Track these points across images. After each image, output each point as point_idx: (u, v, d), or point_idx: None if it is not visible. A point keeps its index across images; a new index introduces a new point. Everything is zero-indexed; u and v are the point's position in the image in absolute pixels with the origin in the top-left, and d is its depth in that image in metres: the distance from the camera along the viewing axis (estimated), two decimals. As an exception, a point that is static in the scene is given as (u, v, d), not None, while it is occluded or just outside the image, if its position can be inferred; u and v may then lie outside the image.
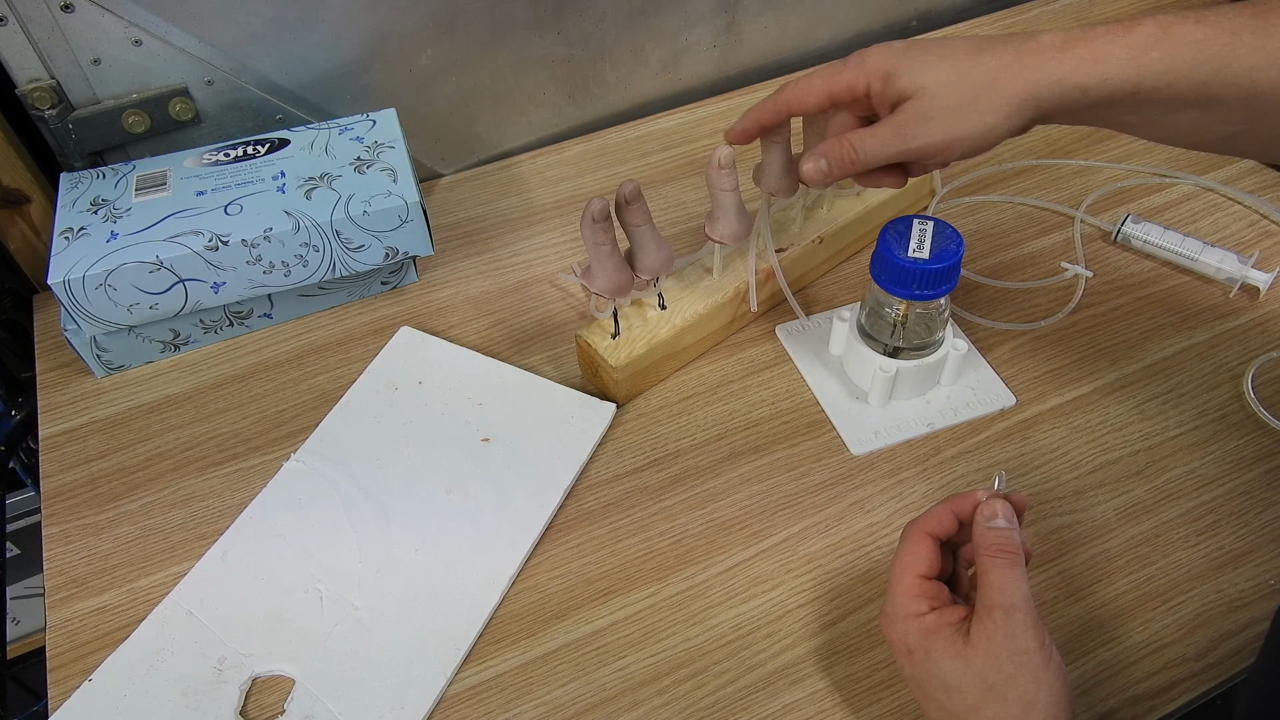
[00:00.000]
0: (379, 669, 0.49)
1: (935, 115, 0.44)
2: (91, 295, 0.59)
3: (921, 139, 0.45)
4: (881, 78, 0.46)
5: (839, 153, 0.47)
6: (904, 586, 0.43)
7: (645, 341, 0.59)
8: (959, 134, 0.44)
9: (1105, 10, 0.94)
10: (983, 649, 0.40)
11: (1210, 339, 0.63)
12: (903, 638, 0.42)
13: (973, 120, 0.44)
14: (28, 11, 0.60)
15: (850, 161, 0.47)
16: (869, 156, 0.46)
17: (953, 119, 0.44)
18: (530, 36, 0.76)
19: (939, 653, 0.41)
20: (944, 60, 0.45)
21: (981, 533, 0.42)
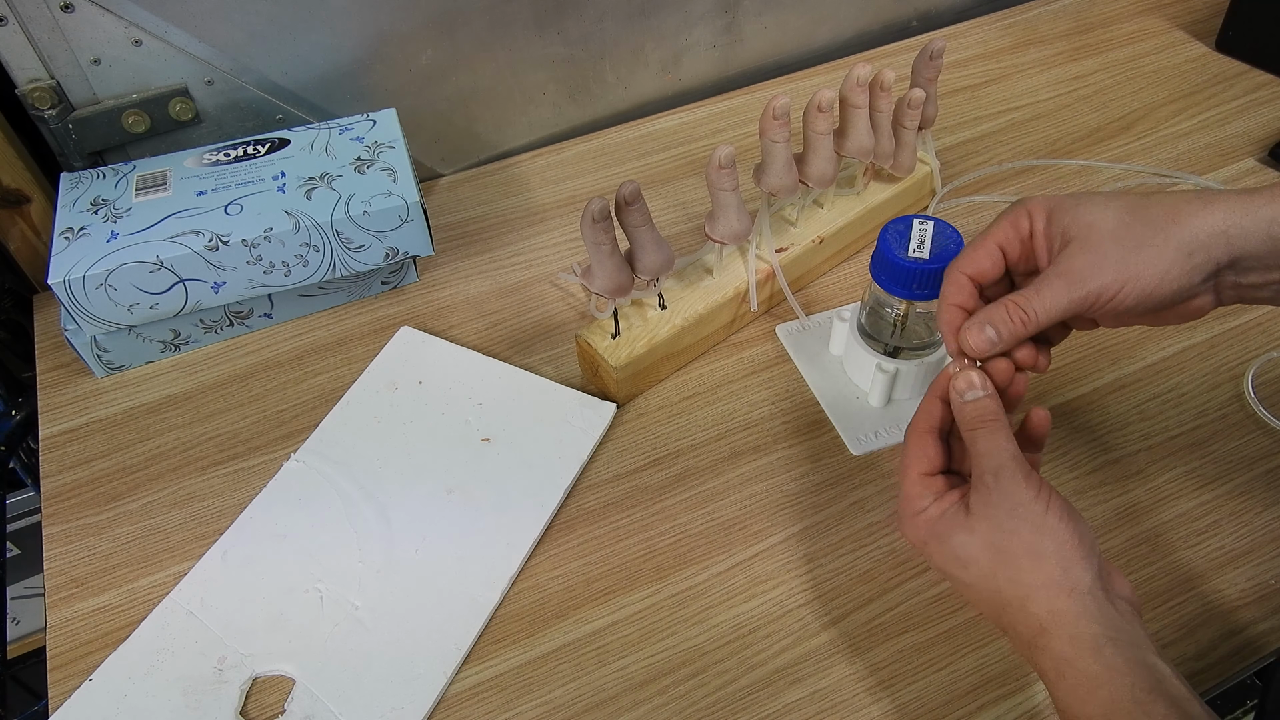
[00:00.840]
0: (379, 669, 0.49)
1: (1106, 254, 0.40)
2: (91, 295, 0.59)
3: (1094, 283, 0.40)
4: (1044, 214, 0.42)
5: (1008, 317, 0.41)
6: (906, 488, 0.44)
7: (645, 341, 0.59)
8: (1134, 272, 0.39)
9: (1105, 10, 0.94)
10: (982, 516, 0.40)
11: (1210, 339, 0.63)
12: (916, 535, 0.43)
13: (1149, 258, 0.39)
14: (28, 11, 0.60)
15: (1022, 324, 0.41)
16: (1042, 315, 0.41)
17: (1127, 256, 0.39)
18: (530, 36, 0.76)
19: (947, 535, 0.41)
20: (1112, 200, 0.41)
21: (959, 409, 0.42)
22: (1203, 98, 0.83)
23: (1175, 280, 0.39)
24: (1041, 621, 0.38)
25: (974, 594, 0.41)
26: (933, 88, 0.66)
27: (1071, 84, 0.86)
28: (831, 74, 0.88)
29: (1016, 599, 0.39)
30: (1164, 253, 0.39)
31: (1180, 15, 0.93)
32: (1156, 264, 0.39)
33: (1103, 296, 0.40)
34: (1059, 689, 0.38)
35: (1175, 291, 0.40)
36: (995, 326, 0.42)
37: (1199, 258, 0.39)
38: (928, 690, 0.48)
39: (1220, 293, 0.41)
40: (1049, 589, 0.38)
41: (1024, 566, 0.39)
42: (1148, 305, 0.40)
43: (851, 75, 0.59)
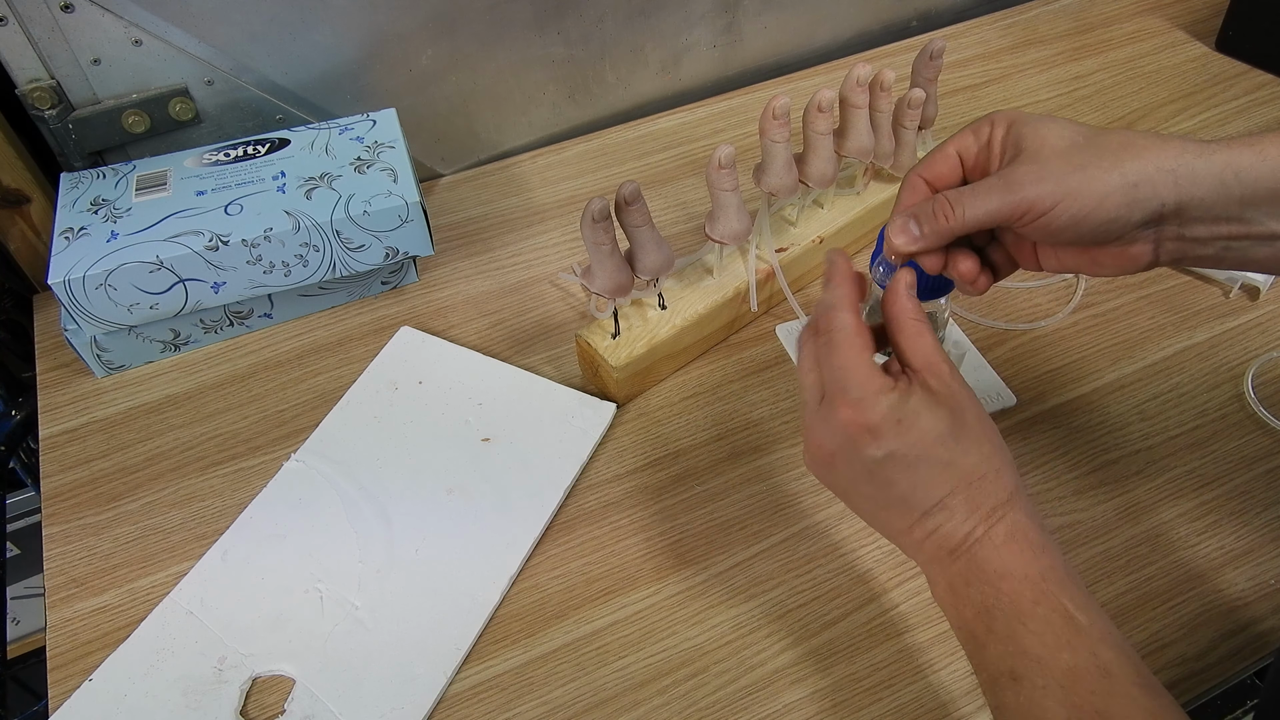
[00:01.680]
0: (379, 669, 0.49)
1: (1050, 168, 0.39)
2: (92, 295, 0.59)
3: (1030, 190, 0.38)
4: (1005, 124, 0.41)
5: (933, 213, 0.41)
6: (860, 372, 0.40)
7: (645, 341, 0.59)
8: (1073, 189, 0.38)
9: (1105, 10, 0.94)
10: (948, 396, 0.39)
11: (1210, 339, 0.63)
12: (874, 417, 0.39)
13: (1092, 179, 0.38)
14: (28, 11, 0.60)
15: (946, 219, 0.40)
16: (969, 214, 0.40)
17: (1069, 175, 0.38)
18: (530, 36, 0.76)
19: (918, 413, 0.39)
20: (1072, 124, 0.40)
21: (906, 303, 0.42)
22: (1203, 98, 0.83)
23: (1113, 208, 0.38)
24: (1010, 491, 0.39)
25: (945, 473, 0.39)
26: (933, 88, 0.66)
27: (1071, 84, 0.86)
28: (831, 74, 0.88)
29: (991, 472, 0.39)
30: (1108, 177, 0.38)
31: (1180, 15, 0.93)
32: (1097, 187, 0.38)
33: (1036, 207, 0.38)
34: (1004, 550, 0.38)
35: (1111, 220, 0.38)
36: (919, 222, 0.41)
37: (1144, 191, 0.37)
38: (928, 690, 0.48)
39: (1160, 245, 0.40)
40: (1010, 467, 0.40)
41: (996, 443, 0.40)
42: (1083, 230, 0.39)
43: (851, 75, 0.59)
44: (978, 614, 0.38)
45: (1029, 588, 0.37)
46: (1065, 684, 0.36)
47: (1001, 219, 0.40)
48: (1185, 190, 0.37)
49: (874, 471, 0.40)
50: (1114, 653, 0.36)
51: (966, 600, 0.39)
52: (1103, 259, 0.41)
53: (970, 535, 0.39)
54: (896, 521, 0.41)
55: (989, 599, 0.38)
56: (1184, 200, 0.38)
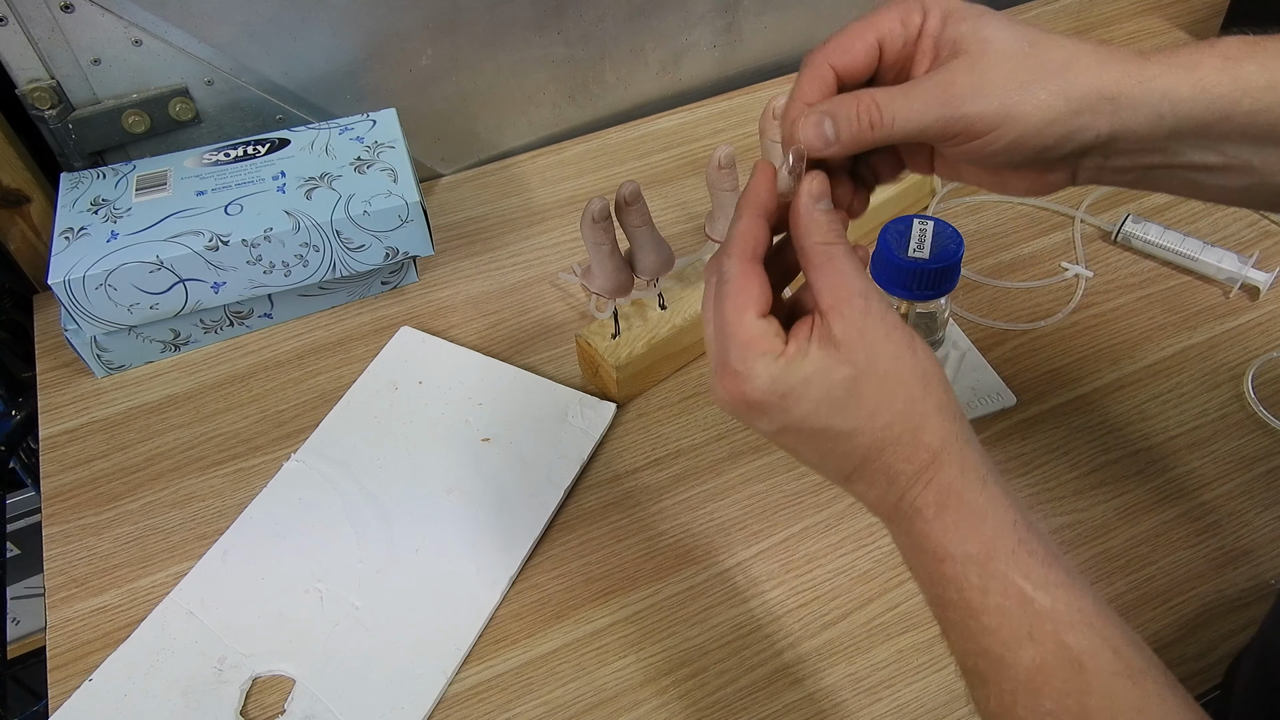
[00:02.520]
0: (379, 669, 0.49)
1: (993, 82, 0.34)
2: (92, 295, 0.59)
3: (971, 106, 0.34)
4: (940, 15, 0.35)
5: (855, 113, 0.34)
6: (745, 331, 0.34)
7: (645, 341, 0.59)
8: (1019, 111, 0.34)
9: (1105, 10, 0.94)
10: (856, 345, 0.33)
11: (1210, 339, 0.63)
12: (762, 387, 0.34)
13: (1036, 101, 0.33)
14: (28, 11, 0.60)
15: (870, 127, 0.34)
16: (899, 121, 0.34)
17: (1012, 93, 0.34)
18: (530, 36, 0.76)
19: (815, 376, 0.33)
20: (1014, 24, 0.35)
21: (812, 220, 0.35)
22: (1203, 98, 0.83)
23: (1052, 136, 0.34)
24: (934, 450, 0.33)
25: (848, 444, 0.34)
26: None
27: (1071, 84, 0.86)
28: (831, 74, 0.88)
29: (908, 431, 0.33)
30: (1053, 101, 0.34)
31: (1180, 15, 0.93)
32: (1043, 111, 0.34)
33: (975, 126, 0.34)
34: (937, 525, 0.33)
35: (1044, 149, 0.34)
36: (836, 121, 0.35)
37: (1084, 120, 0.34)
38: (928, 690, 0.48)
39: (1078, 173, 0.37)
40: (940, 414, 0.34)
41: (914, 393, 0.34)
42: (1013, 156, 0.35)
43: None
44: (933, 603, 0.34)
45: (974, 570, 0.32)
46: (1032, 686, 0.31)
47: (932, 135, 0.35)
48: (1121, 121, 0.34)
49: (778, 441, 0.36)
50: (1086, 637, 0.31)
51: (920, 584, 0.34)
52: (1013, 181, 0.37)
53: (899, 507, 0.34)
54: (828, 478, 0.37)
55: (937, 588, 0.33)
56: (1117, 132, 0.34)
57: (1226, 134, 0.35)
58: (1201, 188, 0.37)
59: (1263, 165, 0.35)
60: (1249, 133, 0.34)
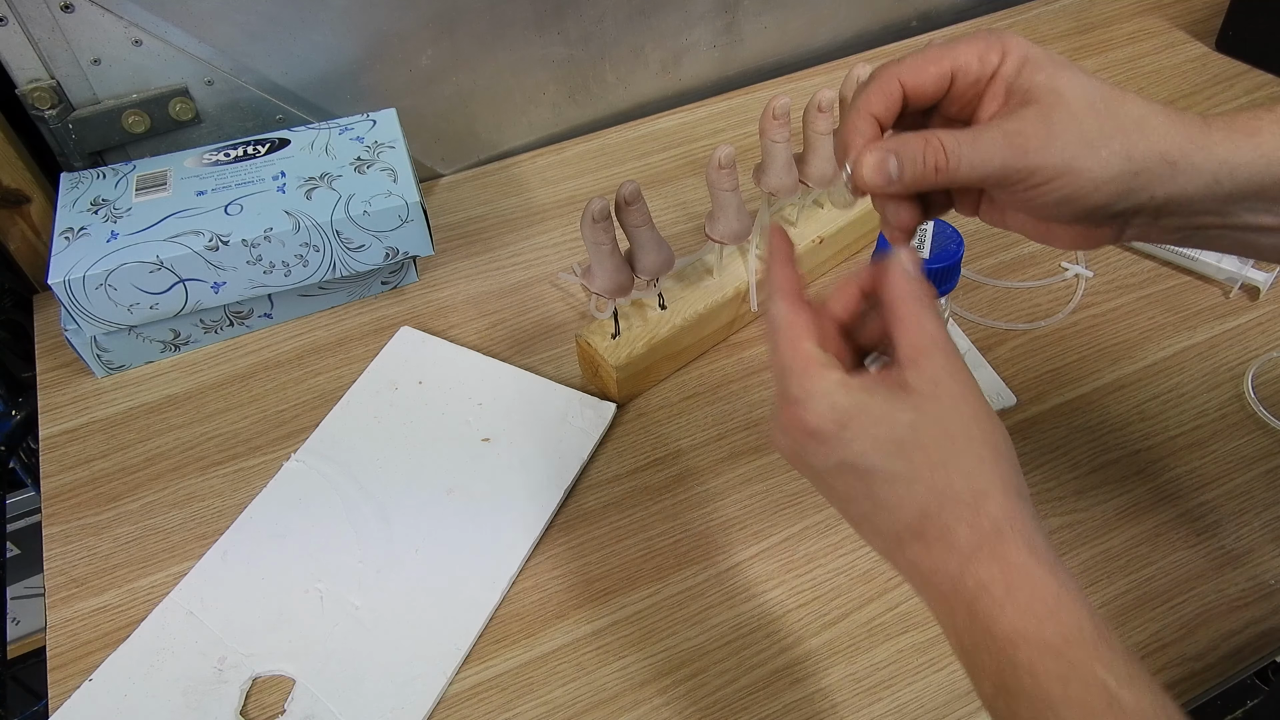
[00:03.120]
0: (379, 669, 0.49)
1: (1061, 136, 0.33)
2: (92, 295, 0.59)
3: (1036, 159, 0.33)
4: (1019, 60, 0.35)
5: (922, 154, 0.34)
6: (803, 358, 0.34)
7: (645, 341, 0.59)
8: (1078, 166, 0.33)
9: (1105, 10, 0.94)
10: (930, 396, 0.33)
11: (1210, 339, 0.63)
12: (823, 415, 0.33)
13: (1098, 160, 0.33)
14: (28, 11, 0.60)
15: (936, 170, 0.34)
16: (965, 166, 0.34)
17: (1077, 149, 0.33)
18: (530, 36, 0.76)
19: (880, 414, 0.33)
20: (1090, 79, 0.34)
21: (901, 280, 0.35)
22: (1203, 98, 0.83)
23: (1107, 196, 0.34)
24: (998, 522, 0.32)
25: (906, 491, 0.33)
26: (933, 88, 0.65)
27: (1071, 84, 0.86)
28: (831, 74, 0.88)
29: (971, 493, 0.32)
30: (1114, 161, 0.33)
31: (1180, 15, 0.93)
32: (1101, 171, 0.33)
33: (1034, 177, 0.34)
34: (1009, 606, 0.31)
35: (1098, 207, 0.34)
36: (901, 161, 0.34)
37: (1141, 181, 0.34)
38: (928, 690, 0.48)
39: (1126, 231, 0.36)
40: (1005, 488, 0.32)
41: (983, 457, 0.33)
42: (1064, 210, 0.35)
43: (851, 75, 0.59)
44: (996, 692, 0.31)
45: (1052, 660, 0.30)
46: None
47: (993, 181, 0.34)
48: (1179, 186, 0.34)
49: (830, 483, 0.35)
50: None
51: (979, 668, 0.32)
52: (1059, 234, 0.37)
53: (961, 581, 0.32)
54: (876, 542, 0.35)
55: (1005, 675, 0.31)
56: (1173, 195, 0.34)
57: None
58: (1256, 248, 0.37)
59: None
60: None
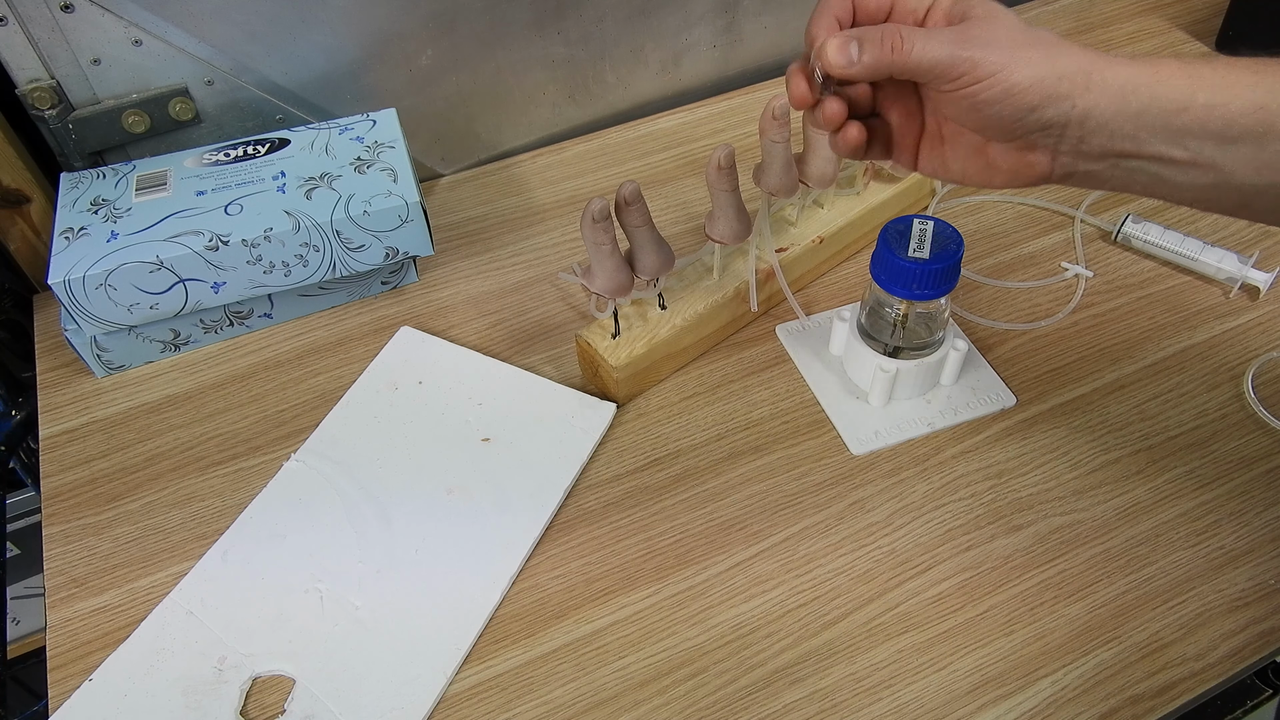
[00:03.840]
0: (379, 669, 0.49)
1: (998, 38, 0.39)
2: (91, 295, 0.59)
3: (978, 51, 0.38)
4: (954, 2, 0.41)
5: (880, 37, 0.39)
6: None
7: (645, 341, 0.59)
8: (1015, 62, 0.38)
9: (1105, 10, 0.94)
10: None
11: (1210, 339, 0.63)
12: None
13: (1031, 59, 0.38)
14: (28, 11, 0.60)
15: (894, 50, 0.39)
16: (916, 52, 0.39)
17: (1015, 49, 0.39)
18: (530, 36, 0.76)
19: None
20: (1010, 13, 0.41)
21: None
22: (1203, 98, 0.83)
23: (1038, 95, 0.38)
24: None
25: None
26: (933, 88, 0.65)
27: (1071, 84, 0.86)
28: (831, 74, 0.88)
29: None
30: (1043, 62, 0.39)
31: (1180, 15, 0.93)
32: (1034, 68, 0.38)
33: (979, 69, 0.38)
34: None
35: (1031, 108, 0.39)
36: (862, 44, 0.39)
37: (1065, 86, 0.39)
38: (928, 690, 0.48)
39: (1057, 157, 0.41)
40: None
41: None
42: (1004, 109, 0.39)
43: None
44: None
45: None
46: None
47: (942, 71, 0.39)
48: (1093, 96, 0.39)
49: None
50: None
51: None
52: (999, 161, 0.41)
53: None
54: None
55: None
56: (1090, 107, 0.39)
57: (1188, 127, 0.38)
58: (1171, 185, 0.40)
59: (1224, 162, 0.39)
60: (1208, 127, 0.38)
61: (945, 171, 0.43)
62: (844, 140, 0.42)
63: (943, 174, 0.44)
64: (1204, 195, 0.40)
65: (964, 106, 0.40)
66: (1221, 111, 0.38)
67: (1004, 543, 0.53)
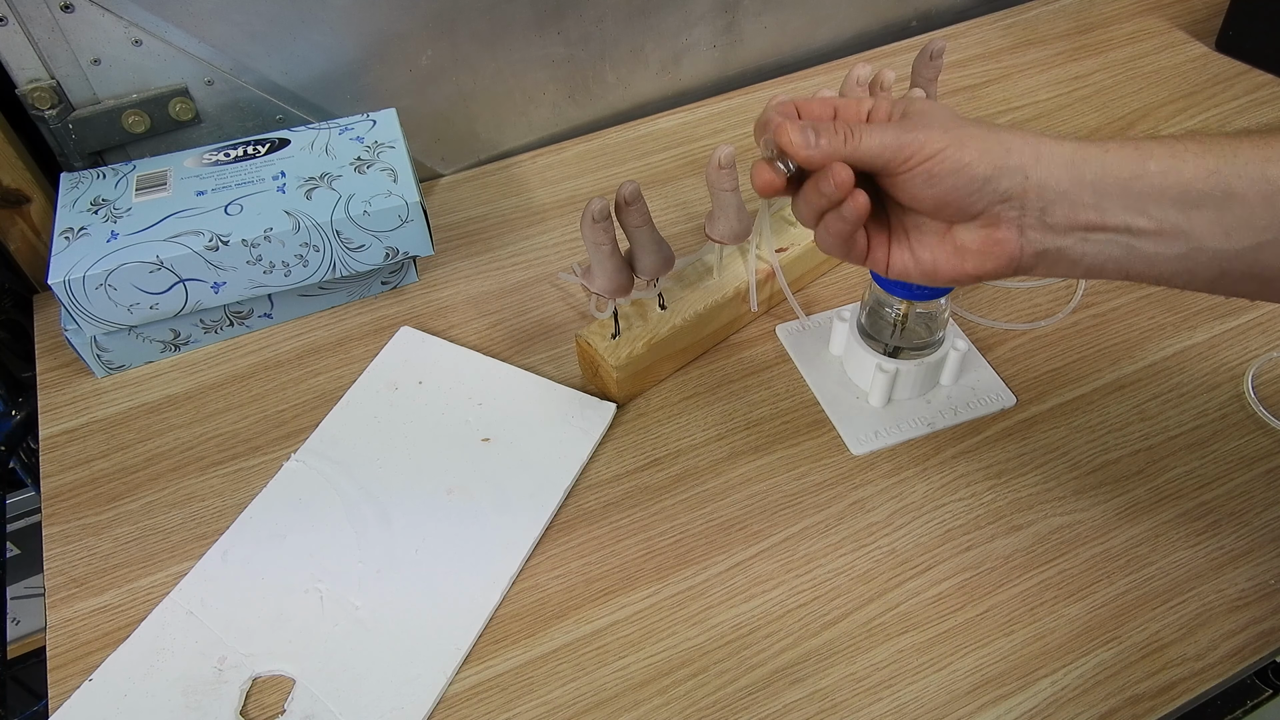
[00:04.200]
0: (379, 669, 0.49)
1: (939, 121, 0.41)
2: (91, 295, 0.59)
3: (921, 132, 0.40)
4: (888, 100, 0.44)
5: (834, 128, 0.41)
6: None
7: (645, 341, 0.59)
8: (958, 138, 0.40)
9: (1105, 10, 0.94)
10: None
11: (1210, 339, 0.63)
12: None
13: (972, 134, 0.40)
14: (28, 11, 0.60)
15: (845, 140, 0.41)
16: (866, 141, 0.41)
17: (954, 128, 0.40)
18: (530, 36, 0.76)
19: None
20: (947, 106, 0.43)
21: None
22: (1203, 98, 0.83)
23: (988, 166, 0.39)
24: None
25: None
26: (933, 88, 0.66)
27: (1071, 84, 0.86)
28: (831, 74, 0.88)
29: None
30: (986, 136, 0.40)
31: (1180, 15, 0.93)
32: (977, 142, 0.40)
33: (925, 149, 0.40)
34: None
35: (984, 180, 0.40)
36: (818, 132, 0.41)
37: (1013, 159, 0.39)
38: (928, 690, 0.48)
39: (1024, 232, 0.41)
40: None
41: None
42: (959, 182, 0.40)
43: (851, 75, 0.59)
44: None
45: None
46: None
47: (890, 155, 0.40)
48: (1045, 167, 0.39)
49: None
50: None
51: None
52: (967, 242, 0.42)
53: None
54: None
55: None
56: (1044, 178, 0.39)
57: (1146, 192, 0.39)
58: (1145, 258, 0.40)
59: (1191, 228, 0.38)
60: (1166, 192, 0.38)
61: (916, 264, 0.43)
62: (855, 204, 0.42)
63: (914, 268, 0.43)
64: (1180, 267, 0.40)
65: (919, 184, 0.41)
66: (1175, 177, 0.38)
67: (1004, 543, 0.53)
